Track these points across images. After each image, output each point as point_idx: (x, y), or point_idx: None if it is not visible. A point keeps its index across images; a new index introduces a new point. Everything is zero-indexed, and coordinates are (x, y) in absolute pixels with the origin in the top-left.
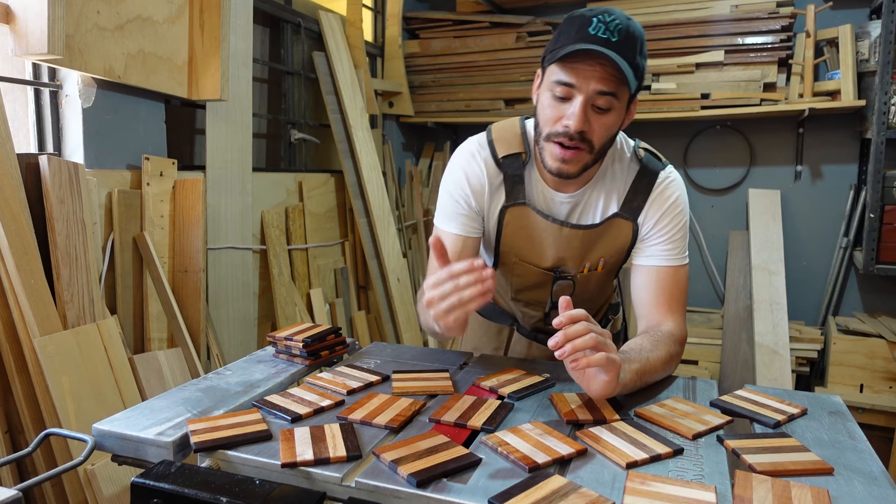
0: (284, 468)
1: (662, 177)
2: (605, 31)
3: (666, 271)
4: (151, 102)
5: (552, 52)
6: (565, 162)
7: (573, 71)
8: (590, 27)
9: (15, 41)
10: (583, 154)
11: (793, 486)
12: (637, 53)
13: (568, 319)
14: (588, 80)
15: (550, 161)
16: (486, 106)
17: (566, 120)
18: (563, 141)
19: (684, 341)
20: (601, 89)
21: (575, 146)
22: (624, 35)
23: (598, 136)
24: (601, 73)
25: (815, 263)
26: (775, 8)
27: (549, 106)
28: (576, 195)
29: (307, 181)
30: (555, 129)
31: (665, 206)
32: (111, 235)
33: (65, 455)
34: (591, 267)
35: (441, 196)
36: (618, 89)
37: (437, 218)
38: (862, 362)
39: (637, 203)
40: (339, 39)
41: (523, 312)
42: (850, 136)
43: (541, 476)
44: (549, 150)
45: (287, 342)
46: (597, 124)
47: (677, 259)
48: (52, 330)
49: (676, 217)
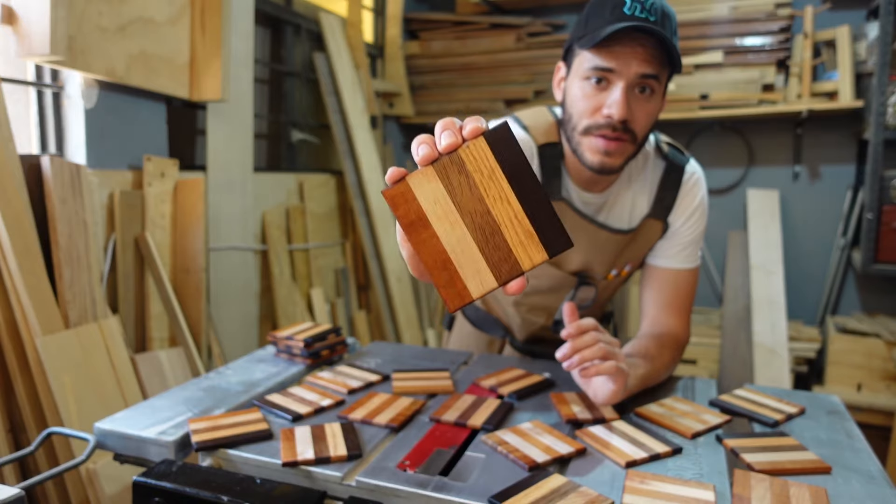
0: (285, 467)
1: (689, 173)
2: (641, 11)
3: (682, 274)
4: (153, 103)
5: (583, 38)
6: (609, 155)
7: (611, 54)
8: (624, 7)
9: (17, 42)
10: (626, 145)
11: (791, 485)
12: (674, 33)
13: (577, 330)
14: (629, 63)
15: (591, 156)
16: (486, 107)
17: (607, 109)
18: (605, 133)
19: (685, 346)
20: (644, 72)
21: (618, 137)
22: (660, 14)
23: (641, 124)
24: (643, 55)
25: (814, 263)
26: (774, 9)
27: (584, 97)
28: (603, 195)
29: (308, 181)
30: (595, 120)
31: (693, 206)
32: (113, 235)
33: (66, 454)
34: (616, 272)
35: None
36: (660, 71)
37: None
38: (860, 362)
39: (667, 201)
40: (339, 40)
41: (524, 319)
42: (848, 136)
43: (540, 475)
44: (590, 144)
45: (288, 342)
46: (640, 112)
47: (692, 261)
48: (54, 329)
49: (700, 219)
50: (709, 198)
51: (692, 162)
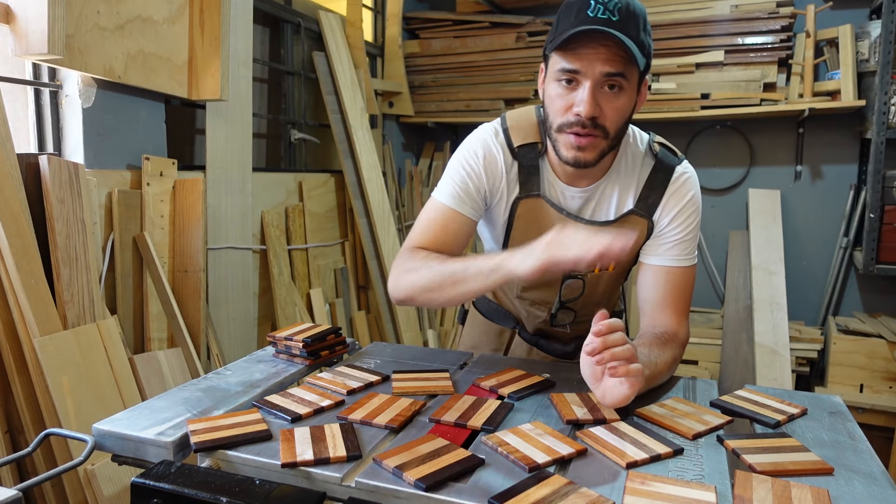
0: (284, 468)
1: (678, 172)
2: (604, 12)
3: (675, 272)
4: (151, 102)
5: (552, 41)
6: (581, 149)
7: (576, 56)
8: (588, 9)
9: (15, 41)
10: (598, 140)
11: (793, 486)
12: (641, 30)
13: (607, 328)
14: (593, 63)
15: (565, 151)
16: (486, 106)
17: (576, 107)
18: (577, 130)
19: (686, 343)
20: (608, 71)
21: (588, 133)
22: (625, 13)
23: (612, 120)
24: (606, 55)
25: (815, 263)
26: (775, 8)
27: (556, 96)
28: (588, 189)
29: (307, 181)
30: (566, 118)
31: (681, 205)
32: (111, 235)
33: (65, 455)
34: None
35: (452, 170)
36: (626, 69)
37: (442, 193)
38: (862, 362)
39: (653, 199)
40: (339, 39)
41: (528, 312)
42: (850, 136)
43: (541, 476)
44: (563, 141)
45: (287, 342)
46: (608, 108)
47: (688, 259)
48: (52, 330)
49: (691, 216)
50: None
51: (684, 163)
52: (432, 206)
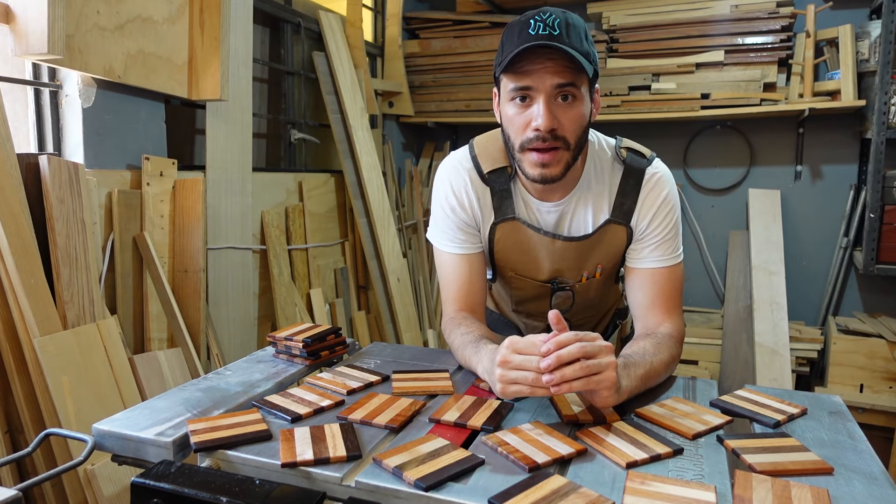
0: (284, 468)
1: (649, 174)
2: (545, 28)
3: (661, 273)
4: (151, 102)
5: (500, 64)
6: (546, 166)
7: (526, 73)
8: (529, 28)
9: (15, 41)
10: (560, 153)
11: (793, 485)
12: (583, 40)
13: (556, 346)
14: (543, 77)
15: (530, 170)
16: (486, 106)
17: (534, 122)
18: (538, 146)
19: (683, 339)
20: (559, 82)
21: (550, 147)
22: (564, 26)
23: (570, 130)
24: (554, 67)
25: (816, 263)
26: (775, 8)
27: (513, 116)
28: (562, 203)
29: (307, 181)
30: (526, 136)
31: (656, 206)
32: (111, 235)
33: (65, 455)
34: (588, 275)
35: (436, 215)
36: (575, 78)
37: (434, 236)
38: (862, 362)
39: (627, 206)
40: (339, 39)
41: (526, 324)
42: (850, 136)
43: (541, 476)
44: (527, 160)
45: (287, 342)
46: (565, 119)
47: (672, 258)
48: (51, 330)
49: (668, 215)
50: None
51: (655, 162)
52: (443, 259)
